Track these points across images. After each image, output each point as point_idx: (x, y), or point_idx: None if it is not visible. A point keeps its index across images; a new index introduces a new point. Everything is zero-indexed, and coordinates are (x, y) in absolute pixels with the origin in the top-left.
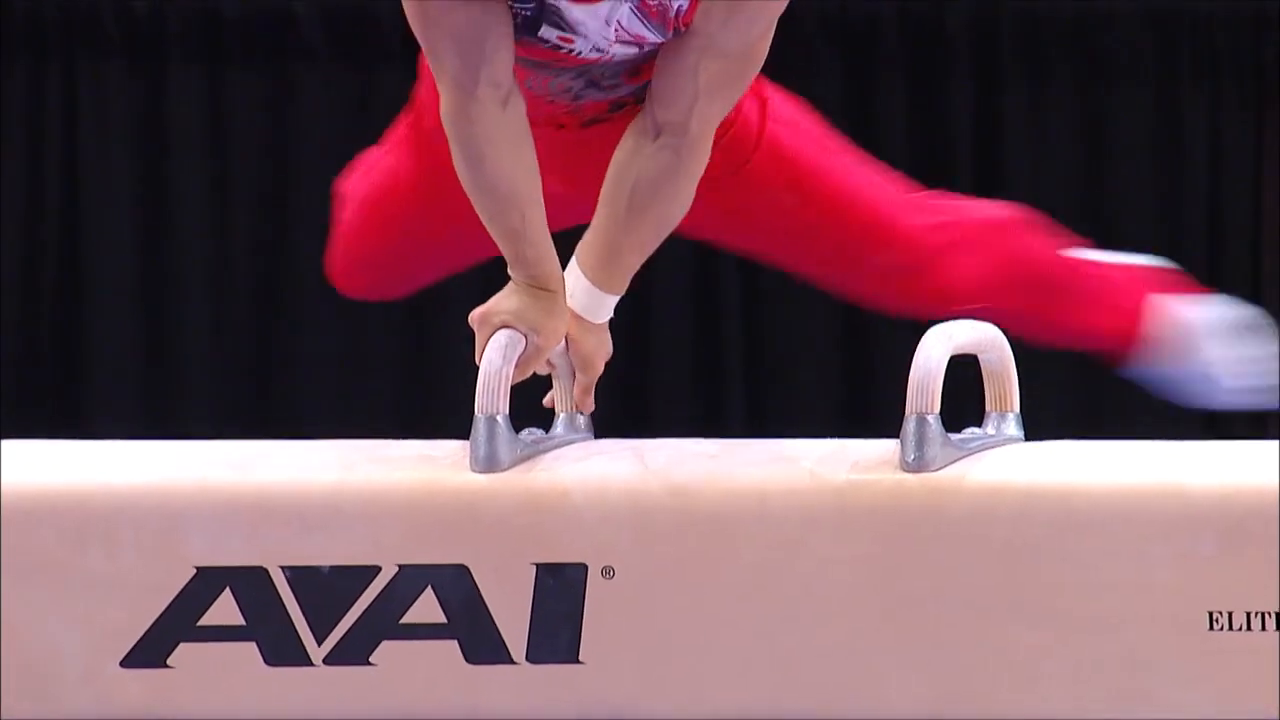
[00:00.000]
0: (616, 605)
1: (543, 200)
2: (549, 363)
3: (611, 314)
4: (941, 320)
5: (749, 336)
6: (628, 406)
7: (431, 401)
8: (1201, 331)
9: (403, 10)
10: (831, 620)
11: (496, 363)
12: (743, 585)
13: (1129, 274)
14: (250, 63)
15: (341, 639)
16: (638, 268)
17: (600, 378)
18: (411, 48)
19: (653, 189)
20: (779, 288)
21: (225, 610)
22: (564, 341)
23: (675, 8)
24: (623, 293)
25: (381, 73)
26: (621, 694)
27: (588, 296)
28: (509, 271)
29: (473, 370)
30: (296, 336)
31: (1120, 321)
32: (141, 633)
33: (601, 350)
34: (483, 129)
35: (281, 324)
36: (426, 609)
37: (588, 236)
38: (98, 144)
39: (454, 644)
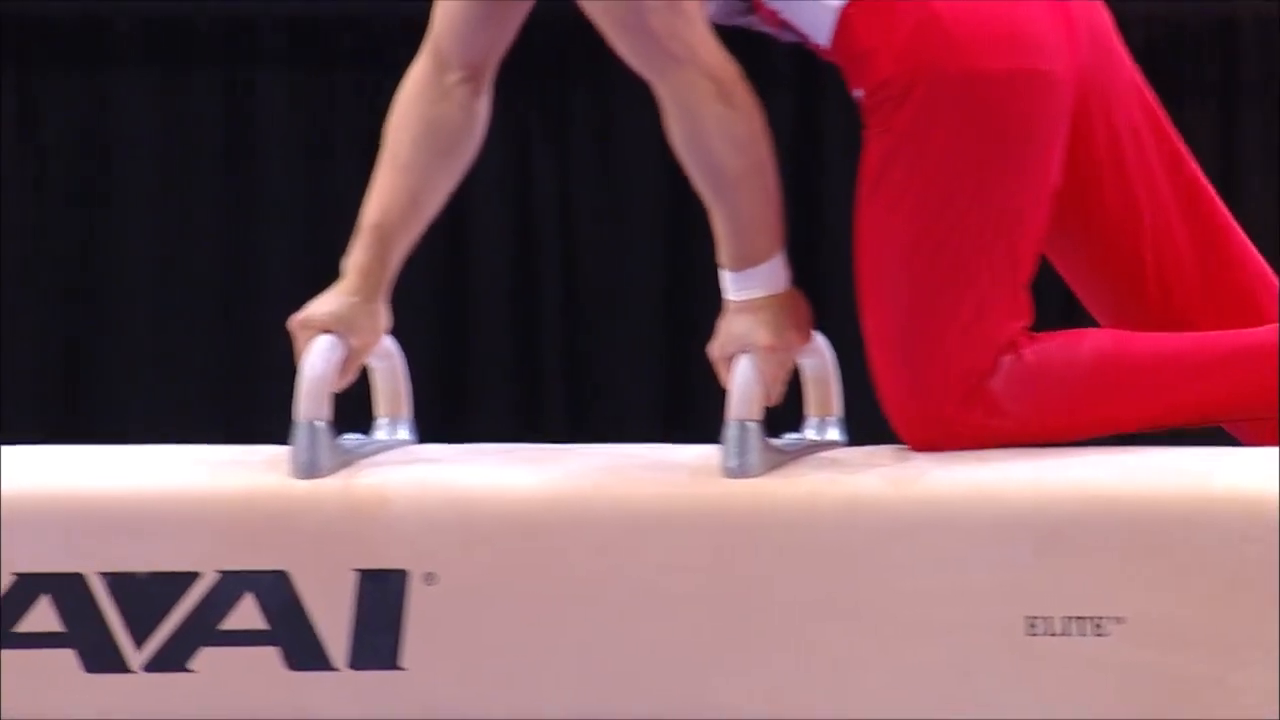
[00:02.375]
0: (439, 611)
1: (418, 211)
2: (370, 366)
3: (751, 290)
4: None
5: (569, 340)
6: (447, 411)
7: (253, 406)
8: None
9: (356, 15)
10: (657, 624)
11: (317, 368)
12: (567, 591)
13: None
14: (209, 67)
15: (161, 646)
16: (738, 231)
17: (416, 381)
18: (366, 52)
19: (678, 148)
20: (600, 289)
21: (43, 617)
22: (387, 345)
23: None
24: (749, 263)
25: (340, 78)
26: (444, 700)
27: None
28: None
29: (294, 374)
30: (112, 339)
31: None
32: None
33: (755, 333)
34: (414, 88)
35: (95, 326)
36: (247, 615)
37: None
38: (51, 149)
39: (275, 650)
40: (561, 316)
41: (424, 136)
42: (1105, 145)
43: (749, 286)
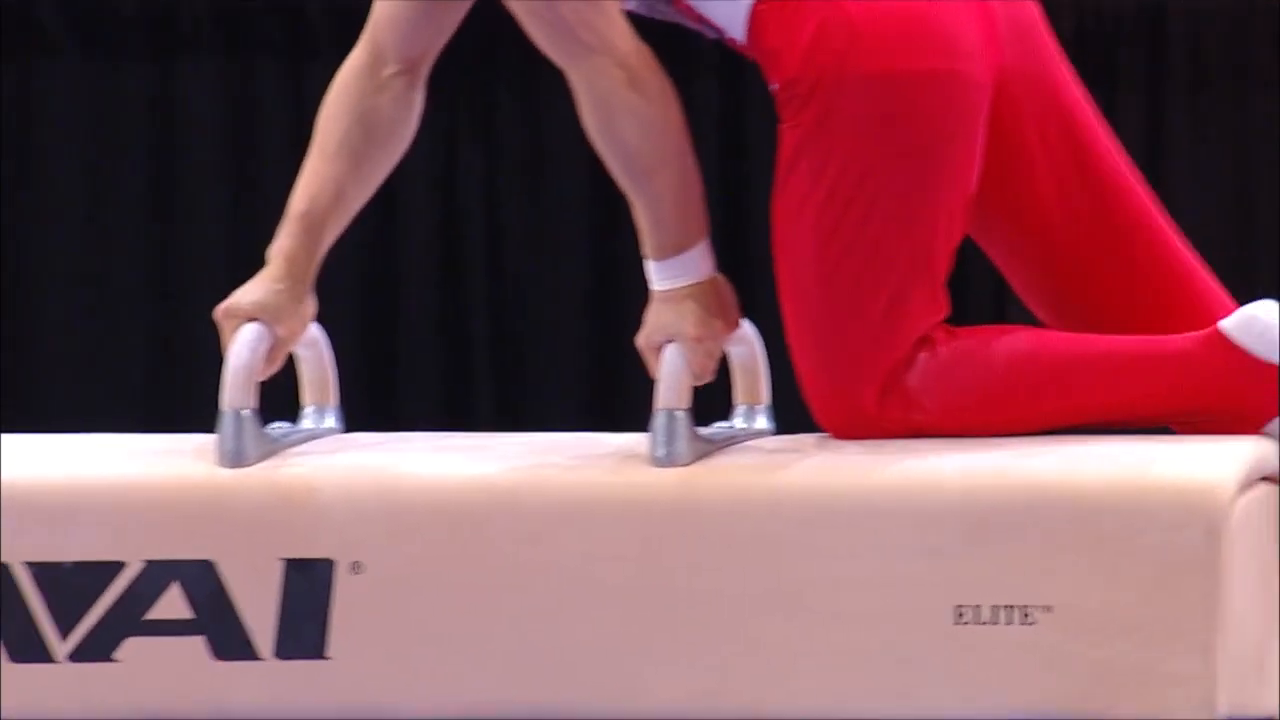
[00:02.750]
0: (366, 600)
1: (346, 201)
2: (297, 354)
3: (675, 279)
4: None
5: (497, 329)
6: (375, 401)
7: (178, 395)
8: None
9: (285, 3)
10: (586, 614)
11: (243, 357)
12: (496, 581)
13: None
14: (135, 54)
15: (86, 636)
16: (658, 220)
17: (343, 369)
18: (295, 41)
19: (593, 136)
20: (527, 280)
21: None
22: (313, 333)
23: None
24: (672, 252)
25: (268, 66)
26: (371, 690)
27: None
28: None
29: (220, 363)
30: (36, 327)
31: None
32: None
33: (681, 322)
34: (349, 79)
35: (19, 314)
36: (173, 605)
37: None
38: None
39: (201, 640)
40: (489, 306)
41: (356, 127)
42: (1035, 143)
43: (673, 276)
